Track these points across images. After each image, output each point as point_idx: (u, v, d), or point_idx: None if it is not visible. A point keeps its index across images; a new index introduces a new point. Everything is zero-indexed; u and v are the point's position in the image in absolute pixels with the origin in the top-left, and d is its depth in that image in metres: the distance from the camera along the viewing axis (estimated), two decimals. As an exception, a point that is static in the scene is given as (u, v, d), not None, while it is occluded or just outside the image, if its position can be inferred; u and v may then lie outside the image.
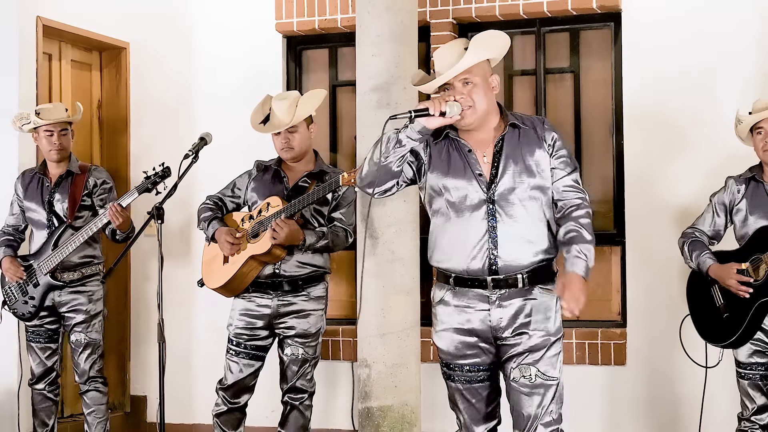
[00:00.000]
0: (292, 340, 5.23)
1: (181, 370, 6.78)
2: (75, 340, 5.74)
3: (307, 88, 6.86)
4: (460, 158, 3.93)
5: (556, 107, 6.43)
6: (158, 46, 7.05)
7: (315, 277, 5.29)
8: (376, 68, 5.43)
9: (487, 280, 3.86)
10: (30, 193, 5.82)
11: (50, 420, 5.88)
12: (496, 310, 3.87)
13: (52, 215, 5.74)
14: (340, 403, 6.56)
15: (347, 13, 6.54)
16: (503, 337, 3.88)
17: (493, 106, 3.96)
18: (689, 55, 6.00)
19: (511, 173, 3.89)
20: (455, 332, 3.93)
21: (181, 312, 6.77)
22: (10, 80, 6.25)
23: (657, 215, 6.03)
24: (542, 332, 3.87)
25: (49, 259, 5.63)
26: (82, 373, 5.78)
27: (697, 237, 5.08)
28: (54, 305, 5.73)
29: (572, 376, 6.04)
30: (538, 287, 3.89)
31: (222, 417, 5.37)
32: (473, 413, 3.97)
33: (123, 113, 7.10)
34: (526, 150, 3.92)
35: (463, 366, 3.94)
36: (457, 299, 3.93)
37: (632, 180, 6.11)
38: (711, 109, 5.94)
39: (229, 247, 5.20)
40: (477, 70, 3.89)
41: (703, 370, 5.24)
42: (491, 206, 3.86)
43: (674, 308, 5.96)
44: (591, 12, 6.22)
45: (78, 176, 5.81)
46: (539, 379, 3.86)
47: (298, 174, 5.35)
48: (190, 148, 4.99)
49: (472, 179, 3.90)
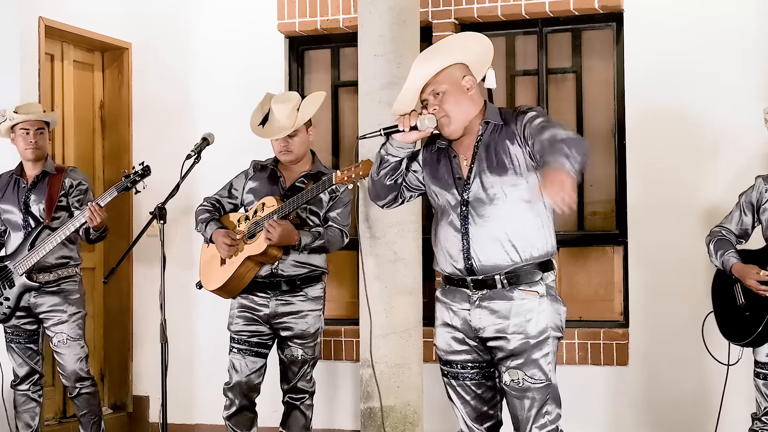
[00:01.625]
0: (291, 341, 5.22)
1: (184, 370, 6.78)
2: (57, 342, 5.65)
3: (309, 88, 6.86)
4: (445, 164, 3.92)
5: (559, 107, 6.43)
6: (160, 47, 7.06)
7: (313, 278, 5.28)
8: (378, 69, 5.43)
9: (467, 280, 3.85)
10: (6, 194, 5.78)
11: (34, 421, 5.77)
12: (475, 311, 3.84)
13: (28, 216, 5.70)
14: (343, 403, 6.56)
15: (349, 14, 6.54)
16: (484, 338, 3.85)
17: (473, 109, 3.89)
18: (691, 55, 6.00)
19: (484, 173, 3.83)
20: (446, 329, 3.94)
21: (184, 312, 6.78)
22: (12, 80, 6.25)
23: (659, 215, 6.03)
24: (521, 335, 3.79)
25: (25, 260, 5.58)
26: (69, 375, 5.68)
27: (723, 235, 5.06)
28: (30, 306, 5.66)
29: (575, 376, 6.06)
30: (518, 289, 3.81)
31: (234, 418, 5.32)
32: (469, 411, 3.94)
33: (125, 113, 7.10)
34: (500, 147, 3.83)
35: (456, 363, 3.92)
36: (446, 297, 3.94)
37: (634, 180, 6.10)
38: (713, 109, 5.93)
39: (226, 248, 5.18)
40: (443, 78, 3.85)
41: (708, 370, 5.24)
42: (464, 208, 3.84)
43: (676, 308, 5.97)
44: (593, 12, 6.22)
45: (54, 177, 5.75)
46: (526, 382, 3.79)
47: (295, 174, 5.32)
48: (193, 148, 4.98)
49: (452, 183, 3.89)
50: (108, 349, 7.09)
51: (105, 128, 7.14)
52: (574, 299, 6.30)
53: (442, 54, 3.88)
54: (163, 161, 5.95)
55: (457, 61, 3.88)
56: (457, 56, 3.88)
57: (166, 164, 5.78)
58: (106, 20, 6.94)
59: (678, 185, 6.00)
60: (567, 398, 5.26)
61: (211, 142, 5.07)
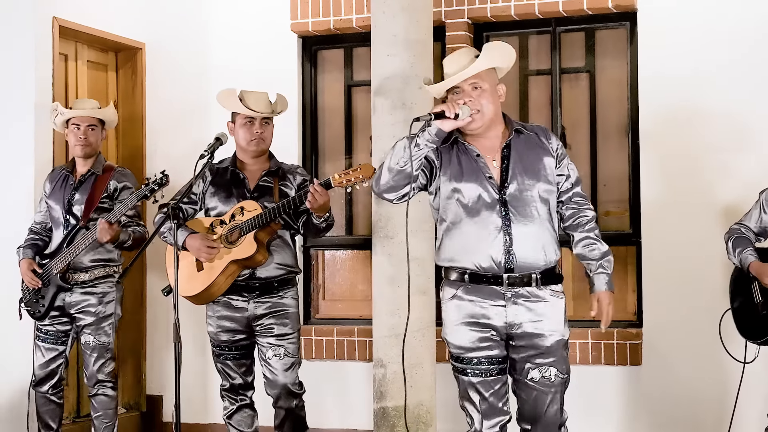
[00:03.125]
0: (272, 342, 5.20)
1: (197, 369, 6.79)
2: (84, 342, 5.67)
3: (322, 88, 6.87)
4: (470, 162, 4.09)
5: (572, 107, 6.42)
6: (174, 47, 7.07)
7: (288, 280, 5.28)
8: (391, 68, 5.43)
9: (503, 277, 4.01)
10: (54, 190, 5.79)
11: (54, 423, 5.79)
12: (511, 307, 4.02)
13: (69, 215, 5.70)
14: (355, 403, 6.56)
15: (362, 14, 6.54)
16: (516, 334, 4.04)
17: (498, 113, 4.15)
18: (705, 54, 5.99)
19: (521, 176, 4.07)
20: (470, 326, 4.05)
21: (197, 311, 6.78)
22: (27, 81, 6.26)
23: (673, 215, 6.01)
24: (557, 333, 4.06)
25: (60, 260, 5.62)
26: (90, 375, 5.71)
27: (742, 233, 5.05)
28: (64, 306, 5.70)
29: (588, 376, 6.05)
30: (549, 288, 4.07)
31: (234, 417, 5.36)
32: (487, 407, 4.06)
33: (138, 114, 7.12)
34: (533, 155, 4.11)
35: (478, 359, 4.04)
36: (471, 295, 4.05)
37: (648, 180, 6.09)
38: (727, 107, 5.92)
39: (209, 251, 5.16)
40: (486, 77, 4.09)
41: (721, 369, 5.23)
42: (504, 207, 4.03)
43: (690, 308, 5.96)
44: (606, 11, 6.21)
45: (100, 177, 5.75)
46: (558, 378, 4.06)
47: (256, 173, 5.30)
48: (206, 148, 4.98)
49: (484, 182, 4.06)
50: (122, 348, 7.09)
51: (118, 128, 7.14)
52: (588, 299, 6.28)
53: (504, 53, 4.18)
54: (176, 161, 5.97)
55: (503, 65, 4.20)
56: (505, 62, 4.20)
57: (179, 164, 5.78)
58: (119, 21, 6.96)
59: (692, 185, 5.99)
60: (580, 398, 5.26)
61: (224, 142, 5.08)
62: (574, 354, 6.09)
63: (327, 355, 6.63)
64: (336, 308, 6.85)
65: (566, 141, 6.41)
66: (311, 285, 6.84)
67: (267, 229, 5.15)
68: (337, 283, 6.88)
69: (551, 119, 6.40)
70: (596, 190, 6.32)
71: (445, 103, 4.00)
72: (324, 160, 6.91)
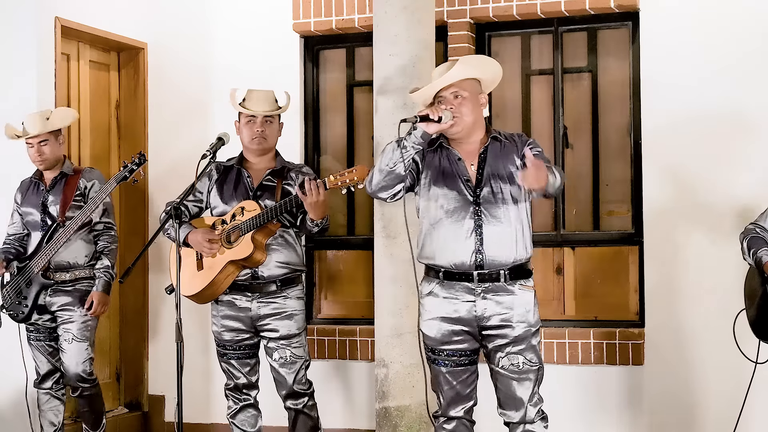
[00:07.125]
0: (277, 343, 5.21)
1: (199, 369, 6.80)
2: (62, 341, 5.73)
3: (324, 88, 6.87)
4: (450, 166, 4.42)
5: (574, 107, 6.42)
6: (176, 47, 7.07)
7: (293, 278, 5.28)
8: (393, 68, 5.43)
9: (473, 274, 4.34)
10: (27, 198, 5.87)
11: (58, 419, 5.87)
12: (480, 302, 4.34)
13: (45, 216, 5.78)
14: (358, 403, 6.56)
15: (364, 13, 6.54)
16: (487, 326, 4.35)
17: (480, 120, 4.48)
18: (707, 54, 5.98)
19: (493, 179, 4.38)
20: (442, 321, 4.39)
21: (199, 311, 6.78)
22: (29, 80, 6.27)
23: (675, 215, 6.01)
24: (524, 324, 4.35)
25: (40, 257, 5.66)
26: (72, 375, 5.74)
27: (757, 233, 5.05)
28: (46, 305, 5.74)
29: (590, 375, 6.06)
30: (518, 283, 4.37)
31: (237, 417, 5.37)
32: (453, 394, 4.43)
33: (141, 113, 7.12)
34: (506, 160, 4.41)
35: (448, 351, 4.39)
36: (445, 291, 4.39)
37: (650, 180, 6.09)
38: (730, 108, 5.91)
39: (209, 246, 5.15)
40: (467, 86, 4.41)
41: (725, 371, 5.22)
42: (477, 208, 4.35)
43: (692, 308, 5.95)
44: (609, 11, 6.21)
45: (71, 177, 5.82)
46: (526, 366, 4.34)
47: (261, 172, 5.31)
48: (208, 148, 4.99)
49: (461, 184, 4.39)
50: (123, 348, 7.10)
51: (121, 128, 7.15)
52: (590, 299, 6.30)
53: (481, 66, 4.52)
54: (179, 161, 5.97)
55: (481, 77, 4.48)
56: (483, 74, 4.49)
57: (181, 164, 5.79)
58: (122, 20, 6.96)
59: (694, 185, 5.98)
60: (583, 398, 5.26)
61: (226, 141, 5.08)
62: (576, 354, 6.10)
63: (329, 355, 6.63)
64: (338, 308, 6.85)
65: (568, 141, 6.41)
66: (313, 285, 6.84)
67: (265, 230, 5.15)
68: (339, 283, 6.88)
69: (553, 119, 6.40)
70: (598, 190, 6.32)
71: (430, 107, 4.36)
72: (326, 160, 6.91)
